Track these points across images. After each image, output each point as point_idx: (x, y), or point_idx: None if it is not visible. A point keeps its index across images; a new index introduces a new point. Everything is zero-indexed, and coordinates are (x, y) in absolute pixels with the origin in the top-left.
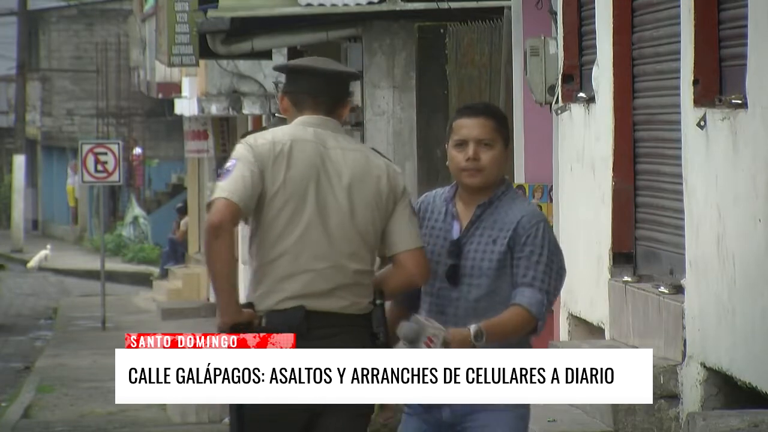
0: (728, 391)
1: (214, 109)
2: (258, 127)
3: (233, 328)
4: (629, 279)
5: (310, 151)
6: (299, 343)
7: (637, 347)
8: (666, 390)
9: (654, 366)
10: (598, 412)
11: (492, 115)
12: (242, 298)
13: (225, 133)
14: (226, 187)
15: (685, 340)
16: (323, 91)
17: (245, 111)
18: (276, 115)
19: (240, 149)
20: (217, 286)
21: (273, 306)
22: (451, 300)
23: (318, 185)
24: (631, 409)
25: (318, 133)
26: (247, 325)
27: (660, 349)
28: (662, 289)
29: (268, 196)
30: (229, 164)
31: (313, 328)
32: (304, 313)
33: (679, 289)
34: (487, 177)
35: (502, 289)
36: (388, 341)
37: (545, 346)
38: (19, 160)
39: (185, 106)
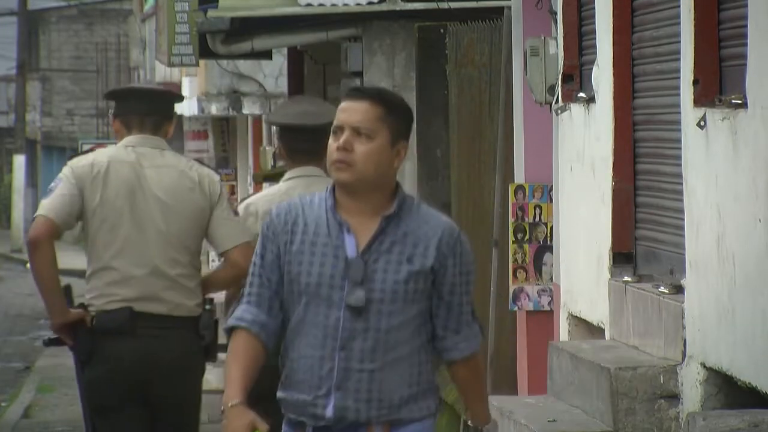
0: (728, 391)
1: (214, 109)
2: (258, 126)
3: (64, 327)
4: (629, 279)
5: (126, 171)
6: (127, 340)
7: (637, 347)
8: (666, 390)
9: (654, 366)
10: (598, 412)
11: (381, 101)
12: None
13: (225, 133)
14: (47, 206)
15: (685, 340)
16: (148, 111)
17: (245, 111)
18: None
19: (64, 170)
20: (43, 292)
21: (102, 306)
22: (356, 332)
23: (134, 201)
24: (631, 409)
25: (138, 152)
26: (79, 322)
27: (660, 349)
28: (662, 289)
29: (89, 212)
30: (52, 184)
31: (140, 327)
32: (130, 313)
33: (679, 289)
34: (359, 175)
35: (415, 316)
36: (213, 349)
37: (545, 346)
38: (19, 160)
39: (185, 106)
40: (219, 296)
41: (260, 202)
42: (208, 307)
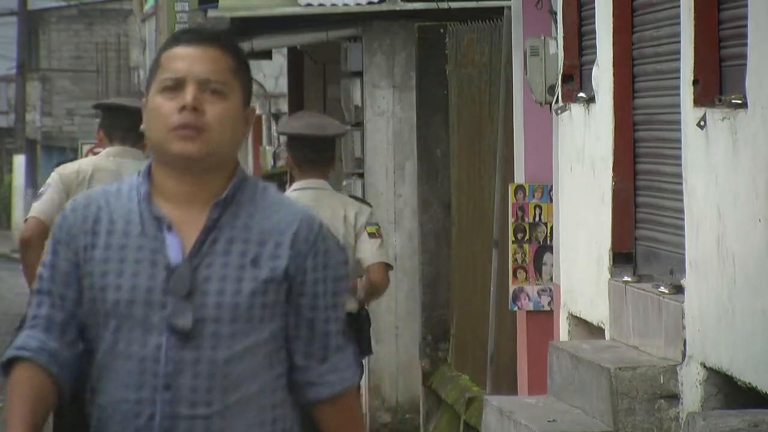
0: (728, 391)
1: None
2: (258, 126)
3: None
4: (629, 279)
5: (108, 178)
6: None
7: (637, 347)
8: (666, 390)
9: (654, 366)
10: (598, 412)
11: (232, 48)
12: None
13: None
14: (37, 208)
15: (685, 340)
16: (130, 127)
17: None
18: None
19: (52, 176)
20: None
21: None
22: (184, 365)
23: None
24: (631, 409)
25: (119, 163)
26: None
27: (660, 349)
28: (662, 289)
29: None
30: (42, 189)
31: None
32: None
33: (679, 289)
34: (212, 147)
35: (266, 341)
36: None
37: (545, 346)
38: (19, 160)
39: None
40: None
41: None
42: None
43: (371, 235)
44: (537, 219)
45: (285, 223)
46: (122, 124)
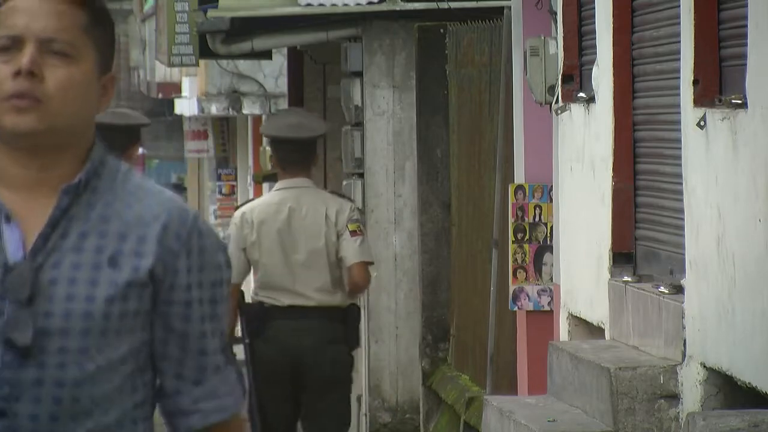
0: (728, 391)
1: (214, 109)
2: (258, 126)
3: None
4: (629, 279)
5: None
6: None
7: (637, 347)
8: (666, 390)
9: (654, 366)
10: (598, 412)
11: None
12: None
13: (225, 133)
14: None
15: (685, 340)
16: (112, 140)
17: (245, 111)
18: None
19: None
20: None
21: None
22: (22, 387)
23: None
24: (631, 409)
25: None
26: None
27: (660, 349)
28: (662, 289)
29: None
30: None
31: None
32: None
33: (679, 289)
34: (53, 119)
35: (126, 358)
36: None
37: (545, 346)
38: None
39: (185, 106)
40: None
41: (255, 212)
42: None
43: (353, 232)
44: (537, 219)
45: (151, 214)
46: (106, 138)
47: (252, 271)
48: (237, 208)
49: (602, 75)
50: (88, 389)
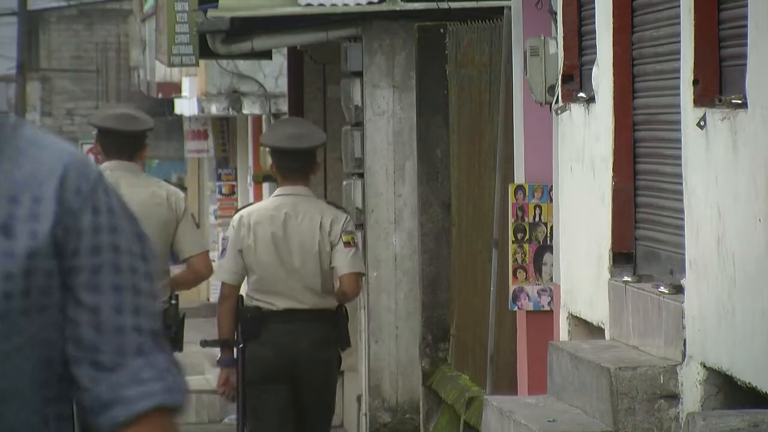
0: (728, 391)
1: (214, 109)
2: (258, 126)
3: None
4: (629, 279)
5: None
6: None
7: (637, 347)
8: (666, 390)
9: (654, 366)
10: (598, 412)
11: None
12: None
13: (225, 133)
14: None
15: (685, 340)
16: (124, 146)
17: (245, 111)
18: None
19: None
20: None
21: None
22: None
23: None
24: (631, 409)
25: (116, 175)
26: None
27: (660, 349)
28: (662, 289)
29: None
30: None
31: None
32: None
33: (679, 289)
34: None
35: (32, 343)
36: (179, 339)
37: (545, 346)
38: None
39: (185, 106)
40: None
41: (253, 215)
42: (173, 302)
43: (346, 243)
44: (537, 219)
45: (46, 170)
46: (116, 142)
47: (246, 275)
48: (237, 210)
49: (602, 75)
50: None
